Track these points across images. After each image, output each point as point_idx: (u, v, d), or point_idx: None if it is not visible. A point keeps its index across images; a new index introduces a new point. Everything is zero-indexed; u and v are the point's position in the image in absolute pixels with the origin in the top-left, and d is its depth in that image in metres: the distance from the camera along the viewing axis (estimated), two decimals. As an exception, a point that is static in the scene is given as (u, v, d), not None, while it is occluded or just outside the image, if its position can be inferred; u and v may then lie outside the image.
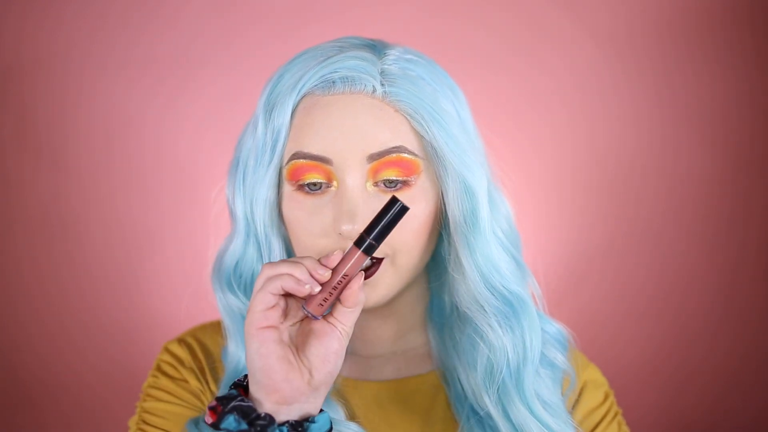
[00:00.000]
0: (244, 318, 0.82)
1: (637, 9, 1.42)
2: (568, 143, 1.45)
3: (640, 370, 1.44)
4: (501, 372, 0.78)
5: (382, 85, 0.76)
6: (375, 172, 0.75)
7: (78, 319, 1.44)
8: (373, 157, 0.75)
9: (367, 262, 0.72)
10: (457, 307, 0.83)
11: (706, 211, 1.45)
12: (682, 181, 1.45)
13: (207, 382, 0.86)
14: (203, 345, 0.89)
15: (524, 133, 1.44)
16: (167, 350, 0.89)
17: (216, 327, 0.90)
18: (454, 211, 0.77)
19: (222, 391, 0.82)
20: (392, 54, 0.78)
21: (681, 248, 1.46)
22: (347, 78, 0.75)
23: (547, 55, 1.44)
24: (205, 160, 1.40)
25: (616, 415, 0.87)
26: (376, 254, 0.75)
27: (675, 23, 1.41)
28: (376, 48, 0.79)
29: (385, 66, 0.77)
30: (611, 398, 0.88)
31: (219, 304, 0.85)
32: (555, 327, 0.85)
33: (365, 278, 0.75)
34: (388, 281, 0.78)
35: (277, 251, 0.81)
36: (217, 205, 0.89)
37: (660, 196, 1.46)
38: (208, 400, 0.85)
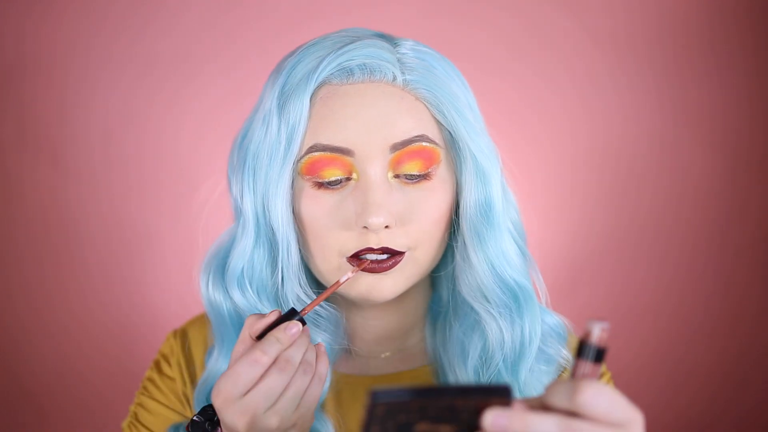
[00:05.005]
0: (231, 318, 0.81)
1: (637, 11, 1.42)
2: (567, 143, 1.45)
3: (638, 370, 1.44)
4: (497, 365, 0.77)
5: (402, 73, 0.74)
6: (397, 163, 0.74)
7: (78, 318, 1.44)
8: (396, 147, 0.73)
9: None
10: (451, 302, 0.82)
11: (704, 211, 1.45)
12: (680, 181, 1.45)
13: (193, 381, 0.85)
14: (202, 335, 0.88)
15: (523, 133, 1.45)
16: (166, 341, 0.89)
17: None
18: (468, 199, 0.77)
19: (196, 396, 0.81)
20: (406, 44, 0.77)
21: (679, 248, 1.47)
22: (366, 66, 0.74)
23: (546, 55, 1.44)
24: (206, 160, 1.39)
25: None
26: (398, 248, 0.74)
27: (674, 24, 1.42)
28: (387, 38, 0.78)
29: (401, 54, 0.75)
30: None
31: (205, 302, 0.82)
32: (555, 319, 0.84)
33: (387, 269, 0.74)
34: (407, 274, 0.77)
35: (294, 250, 0.77)
36: (207, 205, 0.87)
37: (659, 196, 1.46)
38: (192, 401, 0.84)
